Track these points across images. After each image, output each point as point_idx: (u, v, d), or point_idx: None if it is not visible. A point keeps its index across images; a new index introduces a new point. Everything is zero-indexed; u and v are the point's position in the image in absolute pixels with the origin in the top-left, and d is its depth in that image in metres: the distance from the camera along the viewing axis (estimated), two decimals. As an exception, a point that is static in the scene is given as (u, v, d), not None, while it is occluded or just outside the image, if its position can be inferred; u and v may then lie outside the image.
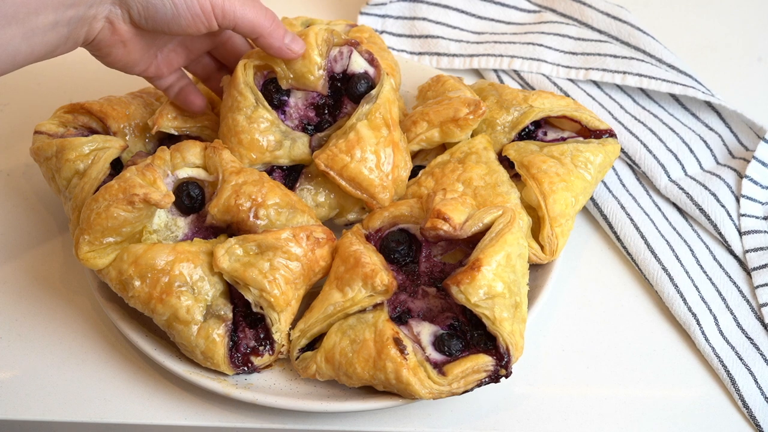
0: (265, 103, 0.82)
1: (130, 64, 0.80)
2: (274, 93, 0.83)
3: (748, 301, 0.89)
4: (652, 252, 0.91)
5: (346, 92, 0.83)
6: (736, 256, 0.92)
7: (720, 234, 0.93)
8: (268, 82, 0.84)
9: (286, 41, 0.80)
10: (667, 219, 0.94)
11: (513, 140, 0.93)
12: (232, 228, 0.82)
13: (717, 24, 1.16)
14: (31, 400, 0.80)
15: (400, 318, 0.77)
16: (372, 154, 0.80)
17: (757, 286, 0.89)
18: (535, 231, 0.87)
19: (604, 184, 0.97)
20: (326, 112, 0.84)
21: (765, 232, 0.92)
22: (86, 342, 0.84)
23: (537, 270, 0.87)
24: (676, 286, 0.88)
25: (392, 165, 0.81)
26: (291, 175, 0.86)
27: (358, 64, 0.83)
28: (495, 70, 1.08)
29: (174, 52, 0.84)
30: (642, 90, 1.05)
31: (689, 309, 0.87)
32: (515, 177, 0.90)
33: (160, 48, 0.82)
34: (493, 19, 1.13)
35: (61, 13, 0.70)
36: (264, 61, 0.83)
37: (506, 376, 0.75)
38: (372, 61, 0.83)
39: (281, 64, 0.82)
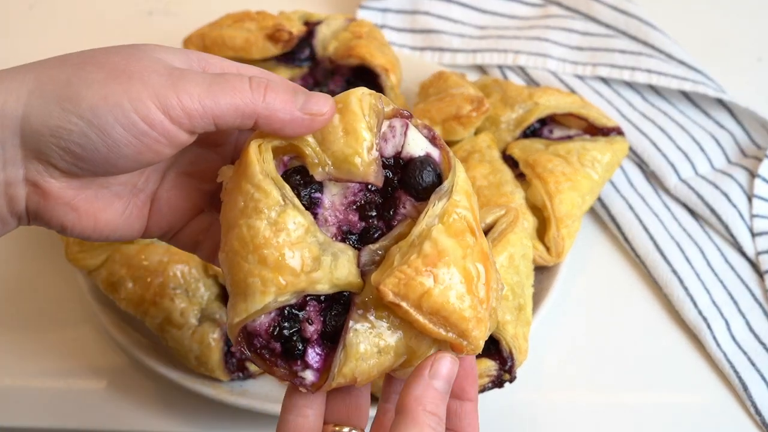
0: (296, 201, 0.52)
1: (109, 230, 0.54)
2: (301, 188, 0.54)
3: (761, 305, 0.87)
4: (662, 254, 0.90)
5: (402, 185, 0.55)
6: (748, 259, 0.91)
7: (732, 235, 0.92)
8: (290, 173, 0.54)
9: (298, 106, 0.51)
10: (676, 220, 0.93)
11: (517, 138, 0.93)
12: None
13: (717, 24, 1.16)
14: (19, 407, 0.79)
15: None
16: (459, 273, 0.53)
17: (770, 290, 0.88)
18: (541, 232, 0.87)
19: (612, 183, 0.96)
20: (374, 213, 0.55)
21: (778, 233, 0.91)
22: (76, 347, 0.83)
23: (542, 272, 0.86)
24: (686, 289, 0.87)
25: (486, 287, 0.55)
26: (332, 307, 0.54)
27: (416, 144, 0.55)
28: (499, 66, 1.07)
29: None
30: (651, 86, 1.04)
31: (700, 313, 0.86)
32: (520, 176, 0.89)
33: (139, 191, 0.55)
34: (497, 14, 1.13)
35: None
36: (285, 140, 0.53)
37: (510, 381, 0.74)
38: (434, 139, 0.55)
39: (310, 143, 0.53)
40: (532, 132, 0.93)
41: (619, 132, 0.92)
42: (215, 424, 0.78)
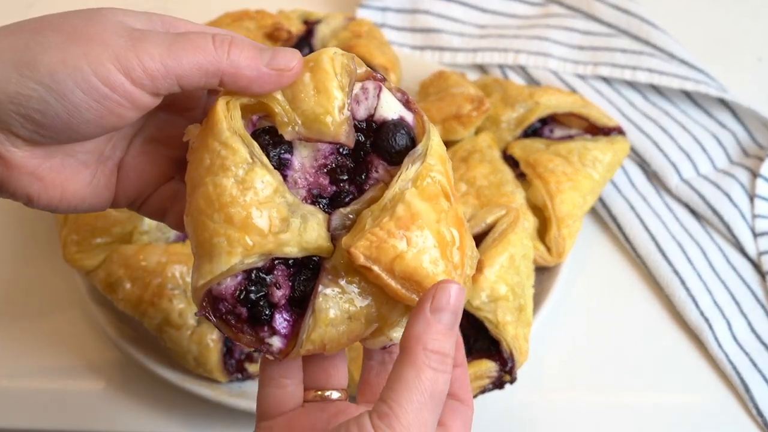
0: (265, 159, 0.50)
1: (77, 200, 0.53)
2: (270, 148, 0.52)
3: (762, 306, 0.87)
4: (663, 254, 0.89)
5: (374, 148, 0.53)
6: (750, 259, 0.91)
7: (733, 236, 0.91)
8: (259, 133, 0.53)
9: (264, 62, 0.49)
10: (678, 220, 0.93)
11: (518, 138, 0.93)
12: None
13: (717, 23, 1.16)
14: (17, 408, 0.79)
15: None
16: (433, 237, 0.51)
17: (773, 290, 0.88)
18: (542, 232, 0.86)
19: (613, 183, 0.95)
20: (345, 177, 0.53)
21: (780, 233, 0.91)
22: (74, 348, 0.83)
23: (543, 273, 0.85)
24: (687, 289, 0.87)
25: (461, 253, 0.53)
26: (301, 272, 0.52)
27: (390, 107, 0.53)
28: (499, 66, 1.07)
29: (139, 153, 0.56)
30: (653, 86, 1.04)
31: (701, 313, 0.85)
32: (520, 176, 0.89)
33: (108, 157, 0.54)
34: (497, 13, 1.12)
35: None
36: (254, 98, 0.52)
37: (511, 382, 0.74)
38: (408, 103, 0.54)
39: (280, 101, 0.51)
40: (533, 132, 0.93)
41: (620, 132, 0.92)
42: (214, 425, 0.78)
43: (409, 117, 0.53)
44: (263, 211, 0.49)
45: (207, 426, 0.78)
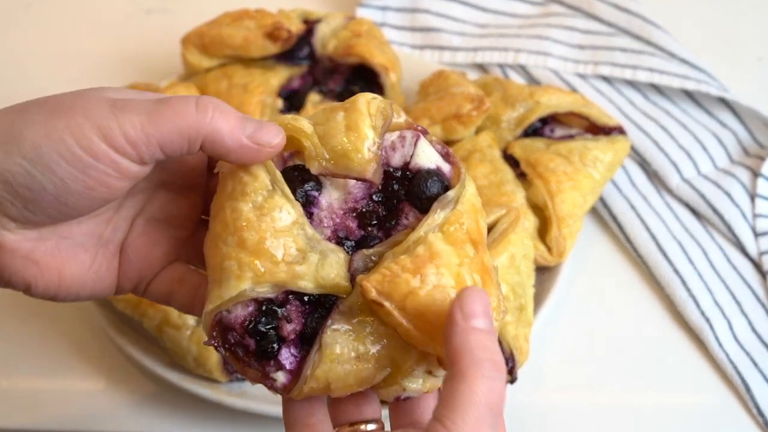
0: (286, 188, 0.49)
1: (78, 286, 0.51)
2: (298, 184, 0.51)
3: (763, 306, 0.87)
4: (664, 254, 0.89)
5: (407, 196, 0.51)
6: (751, 259, 0.90)
7: (734, 235, 0.91)
8: (289, 169, 0.52)
9: (247, 134, 0.48)
10: (679, 220, 0.93)
11: (518, 137, 0.92)
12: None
13: (717, 23, 1.15)
14: (16, 409, 0.79)
15: None
16: (452, 278, 0.48)
17: (773, 290, 0.87)
18: (542, 232, 0.86)
19: (614, 183, 0.95)
20: (375, 223, 0.51)
21: (781, 233, 0.91)
22: (73, 348, 0.83)
23: (544, 272, 0.85)
24: (688, 289, 0.86)
25: None
26: (316, 310, 0.49)
27: (427, 156, 0.52)
28: (500, 65, 1.06)
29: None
30: (653, 85, 1.03)
31: (702, 313, 0.85)
32: (521, 176, 0.89)
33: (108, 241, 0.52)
34: (497, 12, 1.12)
35: None
36: (285, 131, 0.50)
37: (511, 383, 0.73)
38: (447, 155, 0.52)
39: (309, 135, 0.50)
40: (534, 131, 0.93)
41: (620, 131, 0.91)
42: (214, 426, 0.78)
43: (446, 168, 0.51)
44: (279, 239, 0.47)
45: (207, 426, 0.78)
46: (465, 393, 0.41)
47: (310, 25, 0.96)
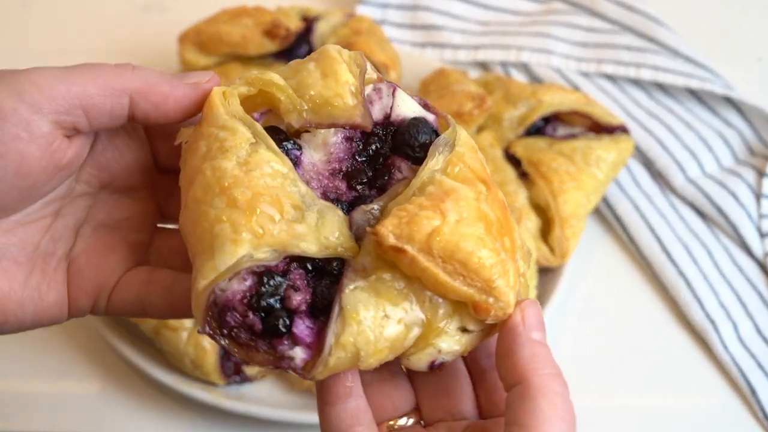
0: (270, 141, 0.43)
1: (14, 306, 0.44)
2: (276, 144, 0.45)
3: (769, 307, 0.86)
4: (668, 255, 0.88)
5: (395, 148, 0.46)
6: (756, 260, 0.89)
7: (739, 236, 0.90)
8: (264, 130, 0.46)
9: (177, 79, 0.44)
10: (683, 220, 0.92)
11: (521, 137, 0.92)
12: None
13: (717, 23, 1.15)
14: (12, 411, 0.78)
15: None
16: (474, 212, 0.42)
17: (779, 291, 0.87)
18: (545, 232, 0.85)
19: (617, 183, 0.94)
20: (364, 181, 0.46)
21: (787, 233, 0.90)
22: (70, 351, 0.82)
23: (546, 274, 0.84)
24: (693, 291, 0.86)
25: (510, 239, 0.44)
26: (322, 279, 0.43)
27: (407, 106, 0.47)
28: (501, 63, 1.05)
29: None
30: (657, 84, 1.02)
31: (707, 315, 0.84)
32: (523, 176, 0.89)
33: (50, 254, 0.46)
34: (499, 9, 1.11)
35: None
36: (255, 87, 0.45)
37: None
38: (427, 106, 0.48)
39: (283, 86, 0.44)
40: (536, 130, 0.92)
41: (624, 130, 0.91)
42: (211, 429, 0.77)
43: (430, 117, 0.47)
44: (272, 194, 0.41)
45: (204, 429, 0.77)
46: (546, 409, 0.40)
47: (309, 22, 0.95)
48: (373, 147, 0.46)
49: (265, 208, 0.40)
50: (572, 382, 0.82)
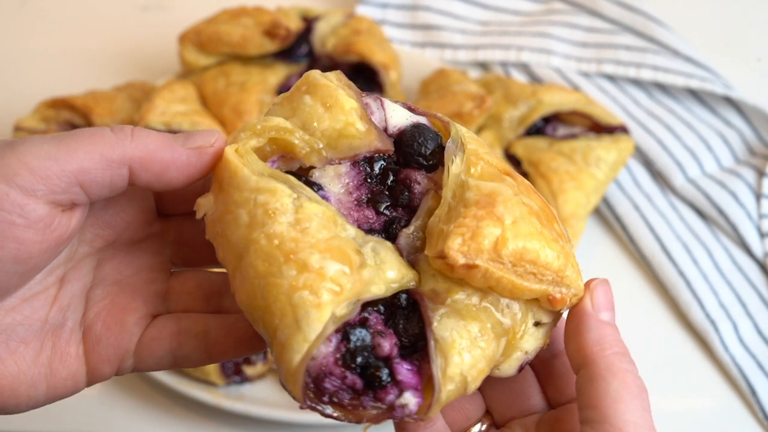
0: (310, 191, 0.43)
1: (26, 387, 0.41)
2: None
3: (769, 307, 0.86)
4: (668, 255, 0.88)
5: (404, 161, 0.46)
6: (756, 260, 0.89)
7: (739, 236, 0.90)
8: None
9: (179, 143, 0.41)
10: (683, 220, 0.92)
11: (521, 136, 0.92)
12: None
13: (717, 24, 1.15)
14: (10, 412, 0.78)
15: None
16: (522, 209, 0.43)
17: (779, 292, 0.86)
18: (545, 233, 0.85)
19: (617, 183, 0.94)
20: (387, 203, 0.45)
21: (787, 233, 0.90)
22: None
23: (546, 274, 0.84)
24: (693, 291, 0.86)
25: (557, 223, 0.46)
26: (396, 315, 0.42)
27: (400, 116, 0.46)
28: (502, 63, 1.05)
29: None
30: (657, 84, 1.02)
31: (707, 315, 0.84)
32: (523, 176, 0.87)
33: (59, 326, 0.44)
34: (499, 9, 1.11)
35: None
36: (264, 136, 0.44)
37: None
38: (413, 109, 0.47)
39: (293, 130, 0.43)
40: (536, 130, 0.92)
41: (624, 130, 0.91)
42: (211, 429, 0.77)
43: (423, 120, 0.47)
44: (334, 247, 0.40)
45: (204, 429, 0.77)
46: (620, 388, 0.39)
47: (309, 22, 0.95)
48: (379, 165, 0.45)
49: (336, 264, 0.40)
50: (572, 382, 0.82)
